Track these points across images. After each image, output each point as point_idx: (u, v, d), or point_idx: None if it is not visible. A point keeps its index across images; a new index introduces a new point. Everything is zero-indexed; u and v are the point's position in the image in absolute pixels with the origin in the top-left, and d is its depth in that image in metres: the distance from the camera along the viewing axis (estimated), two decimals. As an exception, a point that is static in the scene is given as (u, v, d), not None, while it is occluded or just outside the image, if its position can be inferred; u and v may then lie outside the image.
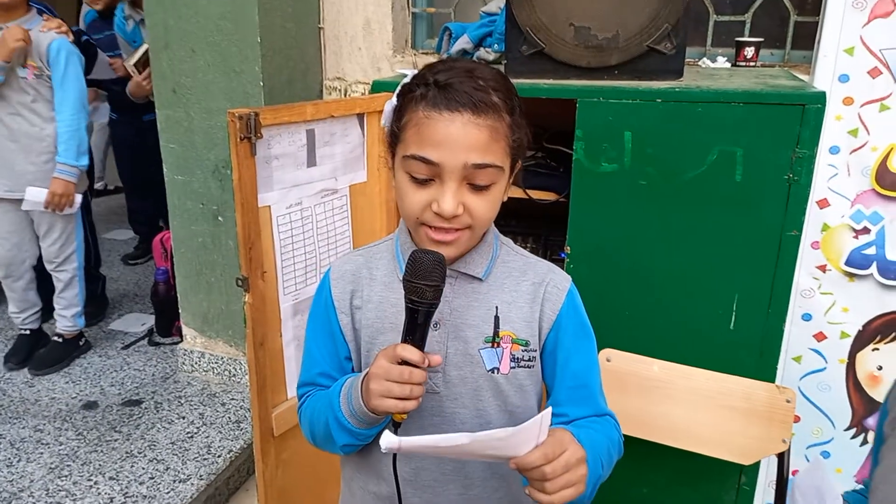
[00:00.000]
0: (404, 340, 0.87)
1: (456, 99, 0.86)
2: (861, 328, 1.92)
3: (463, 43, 2.08)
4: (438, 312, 0.95)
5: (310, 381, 1.06)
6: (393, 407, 0.86)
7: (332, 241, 1.71)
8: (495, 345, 0.98)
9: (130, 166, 3.72)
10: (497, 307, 0.98)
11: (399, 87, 0.95)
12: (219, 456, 2.24)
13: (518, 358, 0.99)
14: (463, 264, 0.98)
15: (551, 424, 0.99)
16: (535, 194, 1.76)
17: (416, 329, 0.87)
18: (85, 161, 2.67)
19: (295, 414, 1.65)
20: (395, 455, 0.91)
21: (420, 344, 0.87)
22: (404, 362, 0.86)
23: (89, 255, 3.11)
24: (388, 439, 0.79)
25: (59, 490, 2.09)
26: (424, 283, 0.85)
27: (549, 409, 0.81)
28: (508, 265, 1.02)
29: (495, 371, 0.98)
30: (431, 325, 0.95)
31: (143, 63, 3.13)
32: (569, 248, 1.61)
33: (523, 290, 1.00)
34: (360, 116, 1.70)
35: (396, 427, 0.89)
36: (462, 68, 0.90)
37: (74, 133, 2.62)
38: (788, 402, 1.41)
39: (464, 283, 0.99)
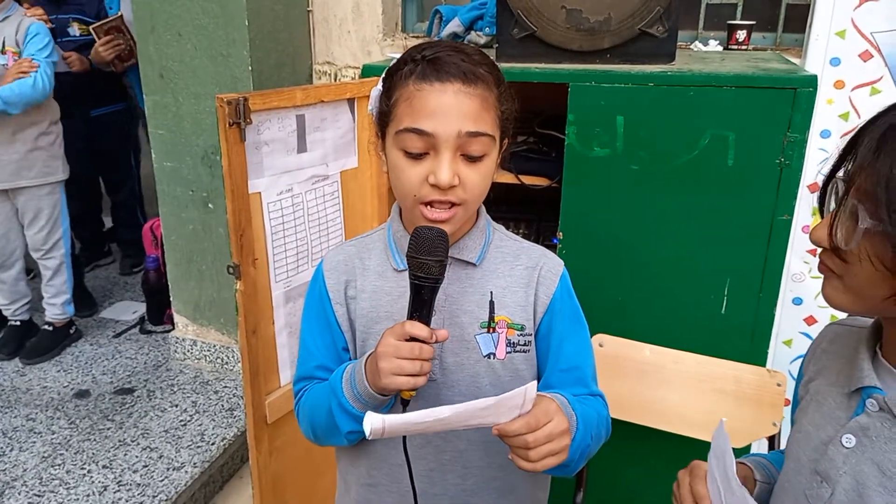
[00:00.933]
0: (410, 317, 0.87)
1: (446, 70, 0.87)
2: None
3: (454, 26, 2.06)
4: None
5: (307, 376, 1.05)
6: (405, 384, 0.86)
7: (324, 228, 1.70)
8: (491, 330, 0.98)
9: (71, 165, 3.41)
10: (492, 292, 0.98)
11: (384, 72, 0.95)
12: (212, 443, 2.24)
13: (514, 343, 0.99)
14: (456, 250, 0.98)
15: None
16: (528, 179, 1.75)
17: (422, 306, 0.87)
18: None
19: (288, 401, 1.65)
20: (404, 438, 0.91)
21: (427, 320, 0.87)
22: (412, 339, 0.86)
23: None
24: (371, 419, 0.78)
25: (53, 479, 2.08)
26: (430, 259, 0.85)
27: (535, 382, 0.81)
28: (502, 250, 1.02)
29: (492, 356, 0.98)
30: None
31: (107, 30, 3.05)
32: (561, 233, 1.61)
33: (517, 275, 1.00)
34: (351, 101, 1.69)
35: (405, 405, 0.90)
36: (446, 45, 0.91)
37: (16, 93, 2.48)
38: (779, 385, 1.42)
39: (458, 268, 0.98)
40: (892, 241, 0.64)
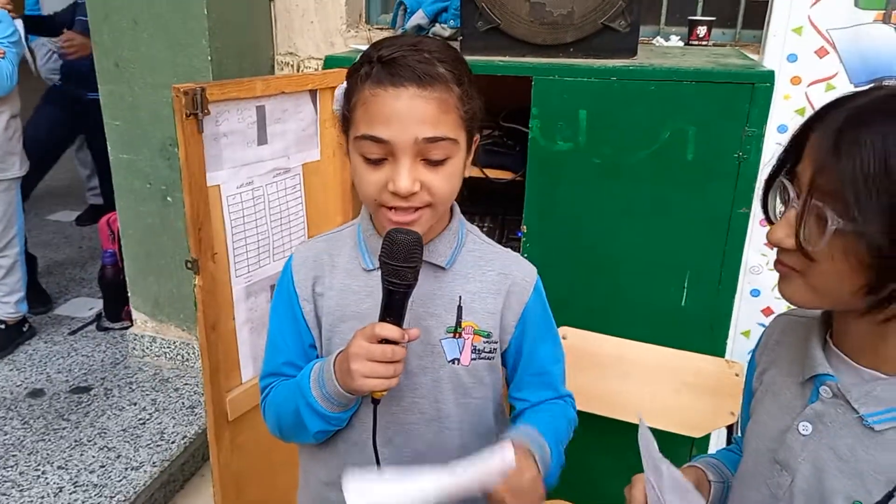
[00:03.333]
0: (382, 319, 0.85)
1: (400, 73, 0.83)
2: (806, 302, 1.98)
3: (418, 18, 2.05)
4: None
5: (274, 372, 1.02)
6: (378, 385, 0.85)
7: (286, 222, 1.67)
8: (457, 335, 0.96)
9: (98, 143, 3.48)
10: (461, 297, 0.96)
11: (348, 70, 0.93)
12: (172, 442, 2.20)
13: (479, 349, 0.98)
14: (427, 252, 0.94)
15: (515, 410, 1.02)
16: (492, 173, 1.75)
17: (393, 309, 0.85)
18: None
19: (250, 398, 1.63)
20: (374, 428, 0.91)
21: (399, 322, 0.86)
22: (384, 341, 0.84)
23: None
24: (351, 489, 0.78)
25: (5, 481, 2.02)
26: (405, 266, 0.83)
27: (510, 445, 0.82)
28: (474, 254, 1.00)
29: (456, 362, 0.97)
30: None
31: None
32: (525, 226, 1.61)
33: (488, 281, 0.98)
34: (313, 93, 1.66)
35: (376, 404, 0.89)
36: (406, 43, 0.87)
37: None
38: (737, 375, 1.45)
39: (427, 271, 0.94)
40: (865, 238, 0.65)
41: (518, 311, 0.99)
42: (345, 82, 0.93)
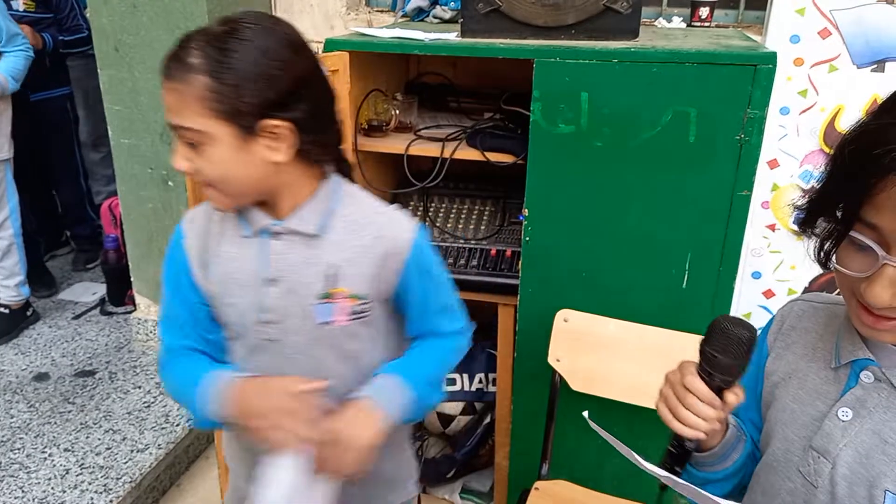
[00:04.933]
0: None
1: (163, 64, 0.90)
2: (808, 285, 1.99)
3: (419, 1, 2.04)
4: (277, 270, 0.98)
5: (174, 324, 1.13)
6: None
7: (288, 206, 1.67)
8: (328, 300, 0.99)
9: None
10: (333, 265, 0.99)
11: None
12: (177, 425, 2.22)
13: (357, 311, 1.01)
14: (296, 220, 0.97)
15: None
16: (493, 157, 1.74)
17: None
18: None
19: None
20: None
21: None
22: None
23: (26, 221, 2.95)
24: None
25: (12, 463, 2.04)
26: (739, 364, 0.80)
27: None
28: (348, 219, 1.01)
29: (329, 324, 1.00)
30: (270, 282, 0.97)
31: None
32: (526, 210, 1.61)
33: (364, 245, 1.00)
34: (314, 77, 1.65)
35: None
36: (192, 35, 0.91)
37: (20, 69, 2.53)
38: (737, 356, 1.45)
39: (297, 239, 0.99)
40: None
41: (397, 269, 1.02)
42: None
